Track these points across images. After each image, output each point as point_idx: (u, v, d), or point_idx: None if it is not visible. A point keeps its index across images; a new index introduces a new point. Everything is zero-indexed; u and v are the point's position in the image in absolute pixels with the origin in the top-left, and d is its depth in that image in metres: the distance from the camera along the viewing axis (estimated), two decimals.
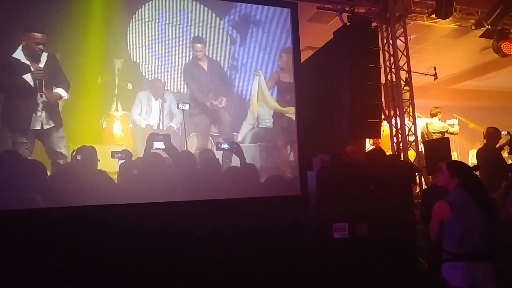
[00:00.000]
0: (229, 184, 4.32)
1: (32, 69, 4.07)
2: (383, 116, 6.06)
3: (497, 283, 2.69)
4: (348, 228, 4.38)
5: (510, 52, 7.20)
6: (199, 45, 4.79)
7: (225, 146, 4.40)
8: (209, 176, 4.31)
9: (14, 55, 4.02)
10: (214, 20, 4.82)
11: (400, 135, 6.33)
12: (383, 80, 6.15)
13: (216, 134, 4.81)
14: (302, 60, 5.41)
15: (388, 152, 6.29)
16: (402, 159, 6.05)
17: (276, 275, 4.07)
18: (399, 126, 6.37)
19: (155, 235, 3.79)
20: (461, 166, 3.06)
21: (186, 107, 4.46)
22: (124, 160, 4.12)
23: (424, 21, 6.87)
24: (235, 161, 4.50)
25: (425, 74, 6.94)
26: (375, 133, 5.54)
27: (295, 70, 5.03)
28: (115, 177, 4.14)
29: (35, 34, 4.03)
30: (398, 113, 6.40)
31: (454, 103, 10.52)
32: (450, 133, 7.23)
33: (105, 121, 4.54)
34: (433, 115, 7.30)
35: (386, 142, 6.78)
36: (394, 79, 6.48)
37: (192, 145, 4.62)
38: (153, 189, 4.03)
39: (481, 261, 2.72)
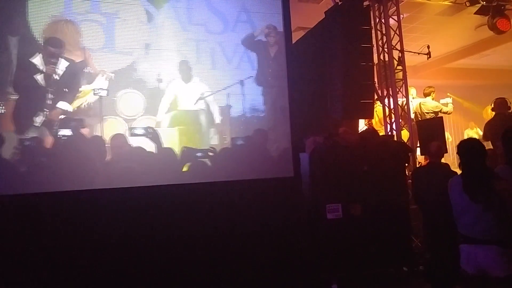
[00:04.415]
0: (143, 170, 4.04)
1: (44, 81, 4.09)
2: (376, 96, 6.01)
3: (506, 267, 2.48)
4: (342, 209, 4.39)
5: (506, 29, 7.12)
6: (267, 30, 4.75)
7: (140, 131, 4.10)
8: (119, 162, 4.06)
9: (32, 60, 4.05)
10: None
11: (393, 115, 6.30)
12: (375, 60, 6.09)
13: (130, 118, 4.39)
14: (293, 41, 5.33)
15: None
16: (395, 139, 6.03)
17: (270, 256, 4.09)
18: (392, 106, 6.33)
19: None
20: (460, 145, 2.83)
21: (104, 93, 4.13)
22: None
23: None
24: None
25: (418, 53, 6.87)
26: (368, 114, 5.51)
27: (287, 51, 4.95)
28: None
29: (50, 47, 4.06)
30: (391, 93, 6.36)
31: (448, 82, 10.48)
32: (444, 113, 7.19)
33: (4, 105, 4.08)
34: (426, 95, 7.24)
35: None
36: (387, 59, 6.41)
37: (101, 130, 4.23)
38: (67, 176, 3.80)
39: (482, 245, 2.55)
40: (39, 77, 4.07)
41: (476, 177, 2.64)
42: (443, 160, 4.64)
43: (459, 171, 2.88)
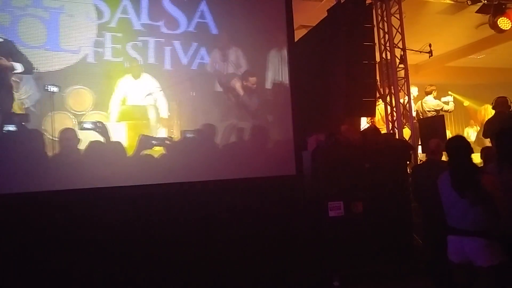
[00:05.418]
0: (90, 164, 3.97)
1: None
2: (378, 95, 6.04)
3: (489, 258, 2.61)
4: (344, 207, 4.42)
5: (507, 27, 7.13)
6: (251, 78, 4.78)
7: (88, 125, 4.07)
8: (67, 157, 3.98)
9: None
10: None
11: (395, 114, 6.33)
12: (377, 58, 6.10)
13: (78, 113, 4.35)
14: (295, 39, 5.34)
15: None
16: (397, 137, 6.06)
17: (272, 254, 4.12)
18: (394, 105, 6.36)
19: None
20: (448, 143, 2.97)
21: (55, 89, 4.06)
22: None
23: None
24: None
25: (420, 52, 6.90)
26: (370, 112, 5.54)
27: (289, 49, 4.97)
28: None
29: None
30: (393, 91, 6.38)
31: (449, 80, 10.48)
32: (445, 111, 7.23)
33: None
34: (427, 93, 7.28)
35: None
36: (389, 57, 6.43)
37: (49, 125, 4.13)
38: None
39: (469, 236, 2.68)
40: None
41: (463, 173, 2.75)
42: (444, 159, 4.66)
43: None
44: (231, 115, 4.84)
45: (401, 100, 6.51)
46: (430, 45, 6.86)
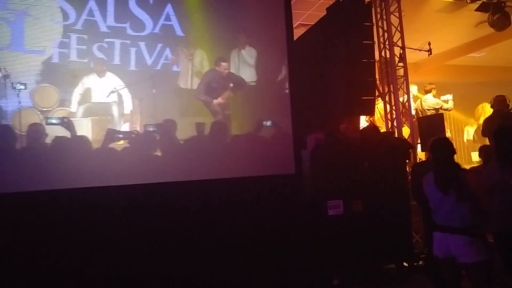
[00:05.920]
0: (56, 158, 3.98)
1: None
2: (377, 93, 6.03)
3: (472, 255, 2.72)
4: (343, 205, 4.41)
5: (506, 26, 7.13)
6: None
7: (54, 120, 4.11)
8: (35, 150, 4.03)
9: None
10: None
11: (394, 112, 6.32)
12: (377, 57, 6.09)
13: (45, 109, 4.48)
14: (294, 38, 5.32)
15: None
16: (396, 135, 6.05)
17: (272, 253, 4.11)
18: (393, 103, 6.35)
19: None
20: (432, 144, 3.07)
21: (22, 86, 4.18)
22: None
23: None
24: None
25: (420, 50, 6.89)
26: (369, 111, 5.53)
27: (288, 48, 4.96)
28: None
29: None
30: (392, 89, 6.37)
31: (449, 79, 10.48)
32: (444, 110, 7.23)
33: None
34: (427, 92, 7.28)
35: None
36: (388, 56, 6.42)
37: (19, 121, 4.23)
38: None
39: (455, 234, 2.78)
40: None
41: (446, 172, 2.87)
42: None
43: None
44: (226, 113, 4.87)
45: (401, 99, 6.50)
46: (429, 44, 6.85)
